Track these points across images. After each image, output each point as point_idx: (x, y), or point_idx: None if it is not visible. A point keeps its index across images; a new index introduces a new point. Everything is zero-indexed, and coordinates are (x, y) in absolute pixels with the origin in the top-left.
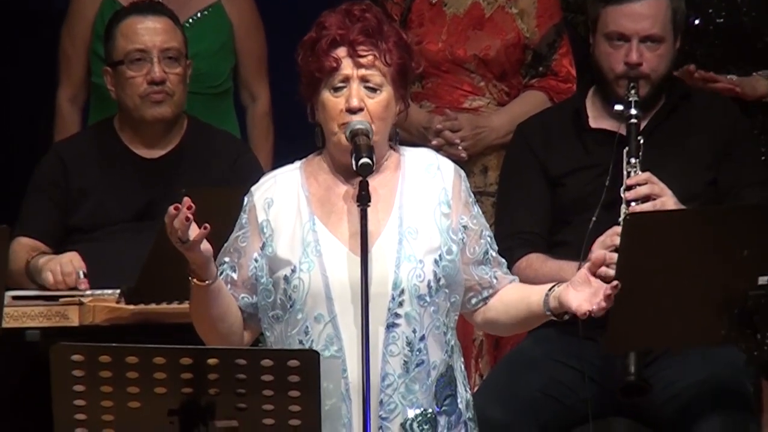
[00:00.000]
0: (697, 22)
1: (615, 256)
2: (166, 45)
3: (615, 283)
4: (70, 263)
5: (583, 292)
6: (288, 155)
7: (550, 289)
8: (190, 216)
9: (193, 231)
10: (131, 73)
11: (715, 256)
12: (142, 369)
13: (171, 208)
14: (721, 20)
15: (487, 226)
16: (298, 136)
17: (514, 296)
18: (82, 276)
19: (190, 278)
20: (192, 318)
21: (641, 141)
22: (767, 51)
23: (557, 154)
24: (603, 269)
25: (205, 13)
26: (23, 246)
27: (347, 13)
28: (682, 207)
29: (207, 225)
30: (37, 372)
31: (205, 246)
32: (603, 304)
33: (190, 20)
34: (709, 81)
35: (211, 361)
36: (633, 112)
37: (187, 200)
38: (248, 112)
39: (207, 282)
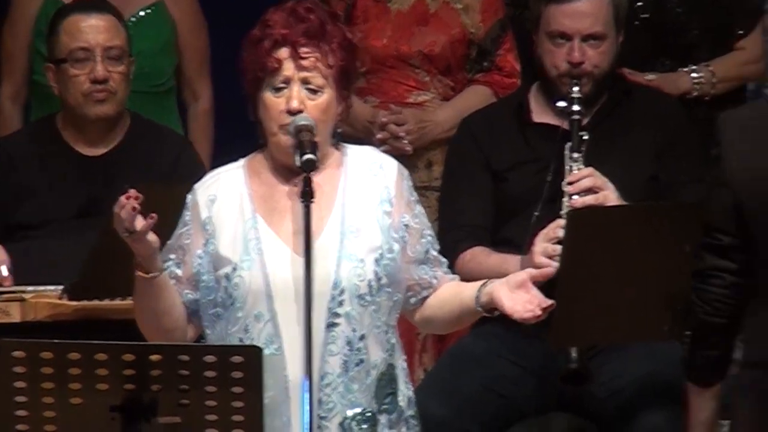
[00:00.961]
0: None
1: (558, 247)
2: (109, 43)
3: (552, 302)
4: None
5: (519, 296)
6: (229, 154)
7: (482, 285)
8: (137, 206)
9: (139, 222)
10: (74, 71)
11: (658, 251)
12: (84, 365)
13: (122, 198)
14: (648, 15)
15: (429, 225)
16: (239, 135)
17: (448, 293)
18: (4, 271)
19: (136, 271)
20: (135, 313)
21: (583, 137)
22: (693, 47)
23: (500, 149)
24: (546, 261)
25: (148, 11)
26: None
27: (292, 12)
28: (624, 202)
29: (154, 215)
30: None
31: (152, 237)
32: (539, 312)
33: (133, 19)
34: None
35: (154, 357)
36: (575, 108)
37: (134, 191)
38: (190, 110)
39: (153, 274)
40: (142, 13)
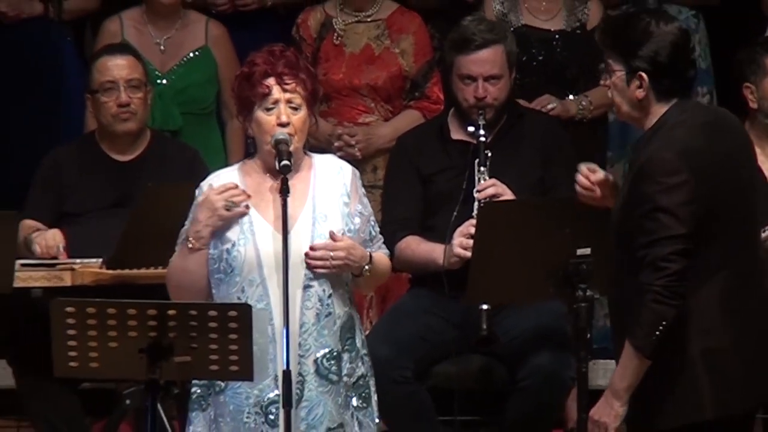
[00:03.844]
0: (524, 58)
1: (470, 242)
2: (130, 76)
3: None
4: (53, 238)
5: None
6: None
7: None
8: (248, 194)
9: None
10: (104, 98)
11: (546, 233)
12: (119, 318)
13: (230, 184)
14: (541, 57)
15: (373, 214)
16: None
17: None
18: (61, 249)
19: (188, 245)
20: (175, 279)
21: (488, 154)
22: (575, 80)
23: (427, 159)
24: (462, 252)
25: (196, 53)
26: (25, 225)
27: (270, 52)
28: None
29: (248, 204)
30: (39, 321)
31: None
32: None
33: (185, 58)
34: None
35: (171, 312)
36: (481, 132)
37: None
38: (227, 127)
39: (206, 248)
40: (191, 55)
